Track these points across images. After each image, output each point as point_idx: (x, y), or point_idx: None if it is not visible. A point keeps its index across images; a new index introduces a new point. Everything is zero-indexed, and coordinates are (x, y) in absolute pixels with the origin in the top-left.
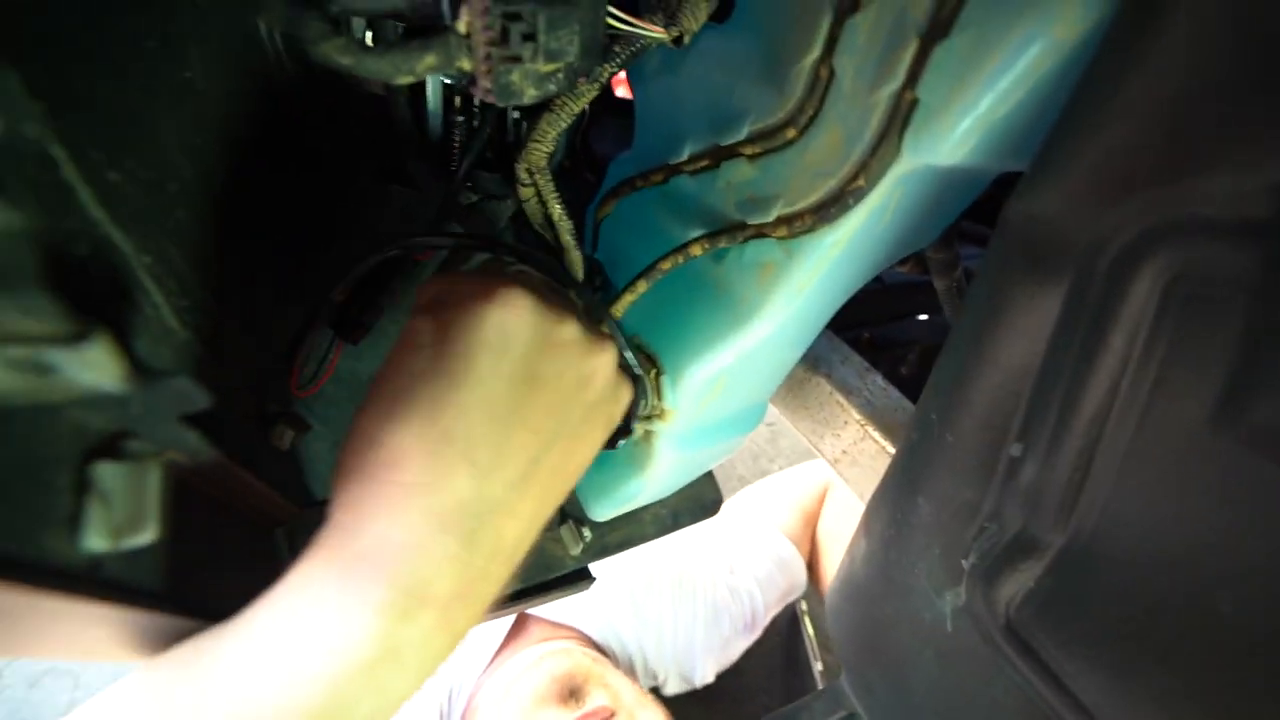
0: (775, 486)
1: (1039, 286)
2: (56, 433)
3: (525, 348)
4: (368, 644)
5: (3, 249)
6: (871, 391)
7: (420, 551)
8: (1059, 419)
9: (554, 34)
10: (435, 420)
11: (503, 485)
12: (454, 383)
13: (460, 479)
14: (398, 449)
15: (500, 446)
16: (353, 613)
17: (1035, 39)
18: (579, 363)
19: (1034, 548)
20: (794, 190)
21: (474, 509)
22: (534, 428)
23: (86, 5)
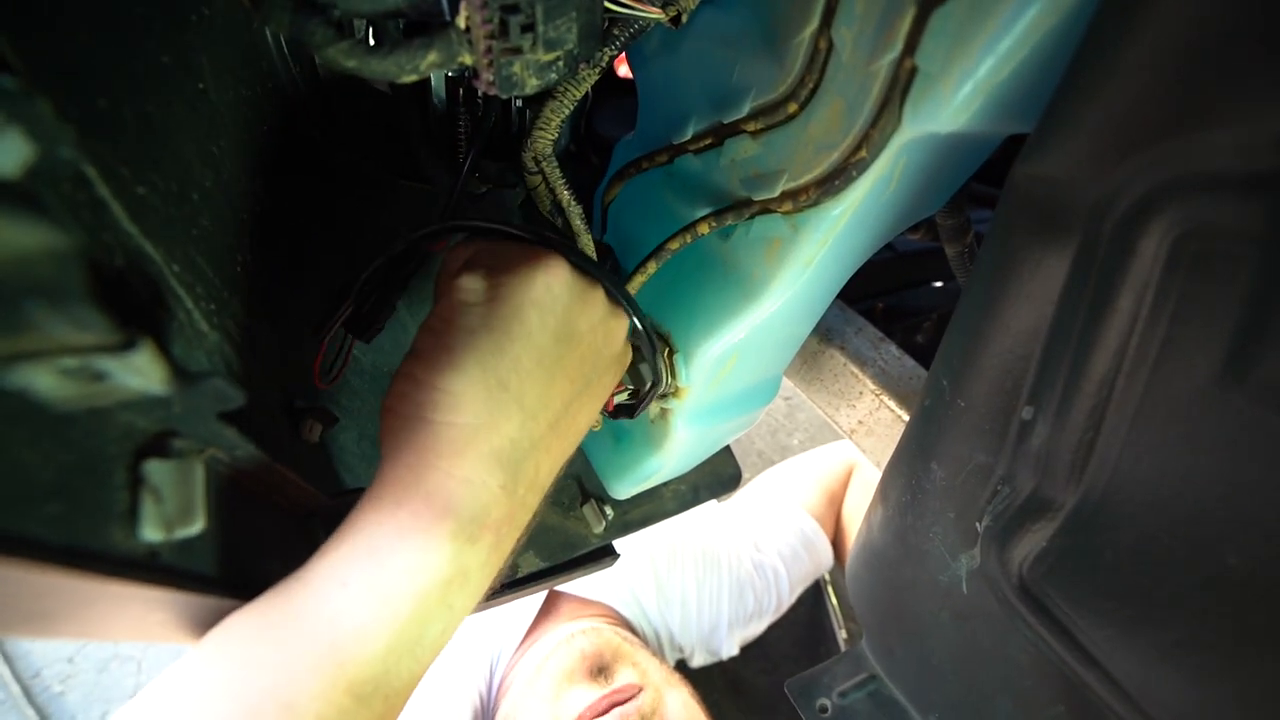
0: (800, 465)
1: (1047, 249)
2: (110, 434)
3: (566, 306)
4: (444, 566)
5: (51, 268)
6: (886, 361)
7: (481, 486)
8: (1069, 380)
9: (552, 23)
10: (492, 369)
11: (545, 425)
12: (510, 335)
13: (512, 421)
14: (458, 394)
15: (545, 392)
16: (431, 540)
17: (1032, 1)
18: (605, 322)
19: (1046, 508)
20: (798, 164)
21: (522, 446)
22: (570, 376)
23: (104, 28)
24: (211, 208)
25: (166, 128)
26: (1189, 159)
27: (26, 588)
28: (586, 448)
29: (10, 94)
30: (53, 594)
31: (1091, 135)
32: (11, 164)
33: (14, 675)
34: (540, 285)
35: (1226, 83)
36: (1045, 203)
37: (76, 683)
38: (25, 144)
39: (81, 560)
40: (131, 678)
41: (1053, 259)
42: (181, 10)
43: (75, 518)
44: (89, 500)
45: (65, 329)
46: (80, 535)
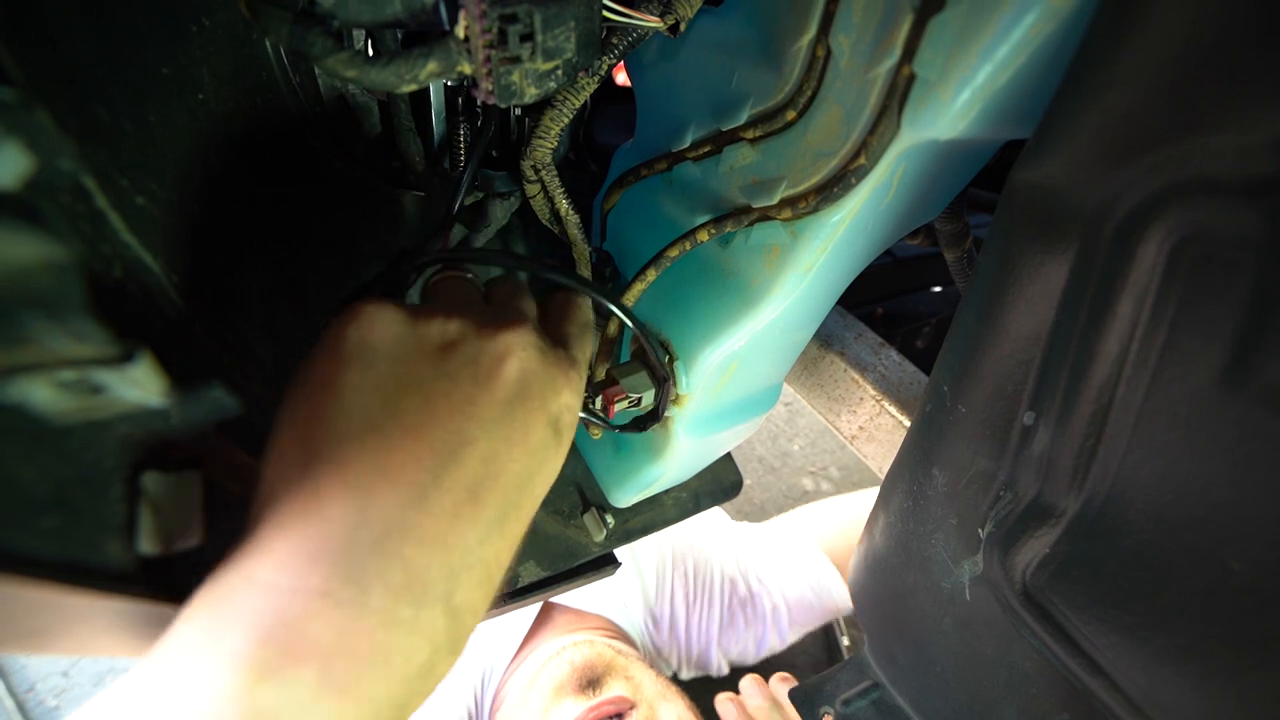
0: (831, 508)
1: (1046, 254)
2: (108, 446)
3: (392, 356)
4: (228, 708)
5: (50, 280)
6: (886, 367)
7: (289, 593)
8: (1069, 386)
9: (550, 32)
10: (304, 442)
11: (395, 505)
12: (319, 400)
13: (334, 503)
14: (270, 479)
15: (382, 462)
16: (215, 669)
17: (1030, 8)
18: (472, 360)
19: (1049, 514)
20: (797, 171)
21: (357, 536)
22: (424, 436)
23: (104, 40)
24: (210, 217)
25: (166, 139)
26: (1187, 164)
27: (21, 604)
28: (586, 455)
29: (9, 106)
30: (48, 610)
31: (1089, 140)
32: (10, 176)
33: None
34: (350, 340)
35: (1224, 87)
36: (1044, 208)
37: (71, 697)
38: (24, 156)
39: (78, 576)
40: None
41: (1052, 264)
42: (182, 22)
43: (72, 532)
44: (86, 514)
45: (63, 341)
46: (77, 549)
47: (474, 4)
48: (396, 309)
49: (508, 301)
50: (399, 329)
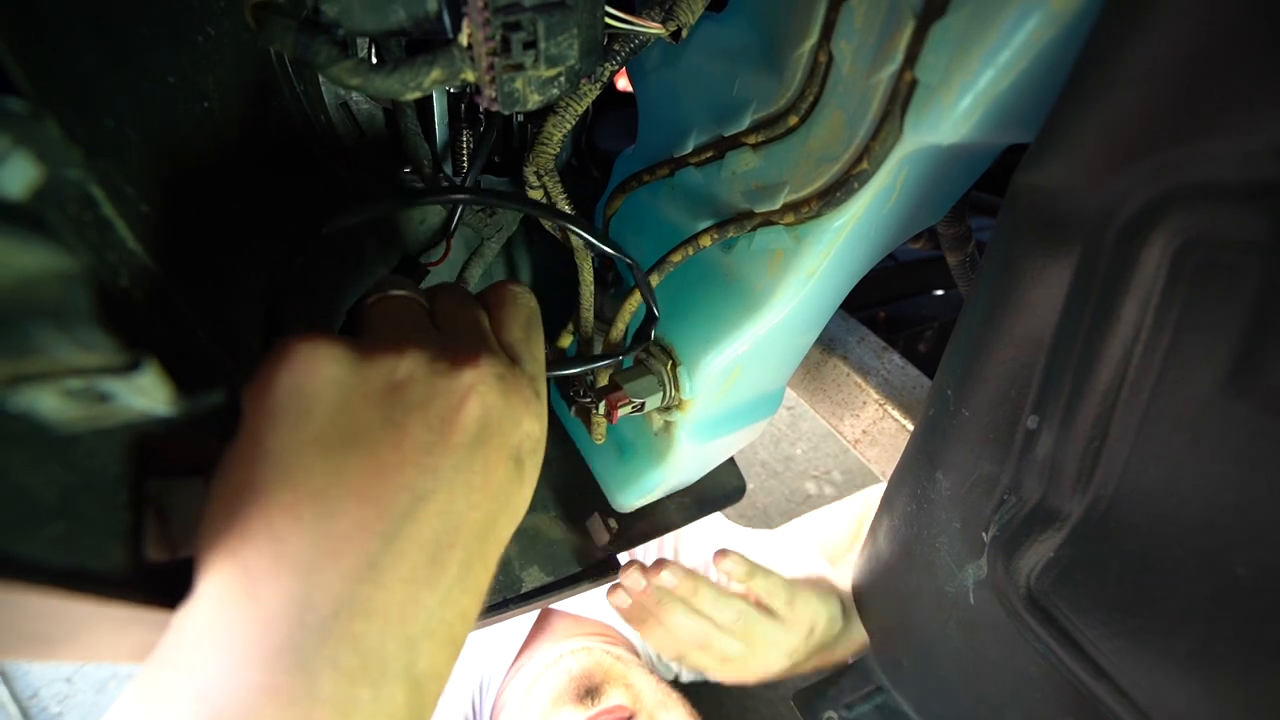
0: (829, 514)
1: (1049, 258)
2: (113, 453)
3: (332, 404)
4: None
5: (57, 290)
6: (889, 370)
7: (226, 693)
8: (1073, 390)
9: (554, 39)
10: (235, 515)
11: (341, 580)
12: (249, 465)
13: (271, 586)
14: (203, 555)
15: (326, 532)
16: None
17: (1031, 12)
18: (425, 403)
19: (1053, 518)
20: (799, 177)
21: (302, 621)
22: (372, 497)
23: (111, 50)
24: (214, 223)
25: (172, 147)
26: (1189, 168)
27: (27, 611)
28: (590, 461)
29: (18, 116)
30: (53, 617)
31: (1091, 145)
32: (18, 186)
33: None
34: (283, 390)
35: (1226, 91)
36: (1046, 212)
37: (74, 703)
38: (32, 166)
39: (83, 583)
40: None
41: (1055, 268)
42: (187, 32)
43: (77, 539)
44: (91, 521)
45: (70, 351)
46: (83, 557)
47: (477, 12)
48: (333, 345)
49: (457, 321)
50: (338, 371)
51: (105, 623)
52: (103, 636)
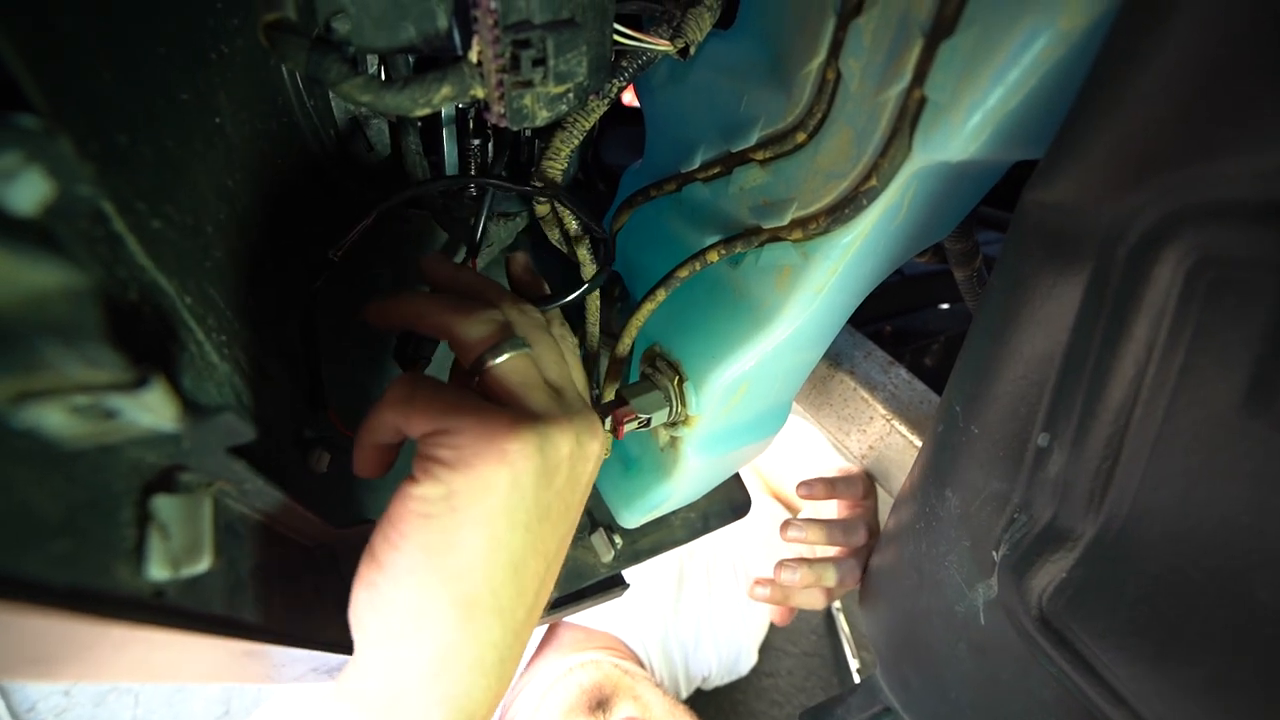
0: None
1: (1059, 275)
2: (118, 470)
3: (534, 491)
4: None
5: (66, 307)
6: (896, 385)
7: (465, 698)
8: (1085, 408)
9: (563, 56)
10: (466, 590)
11: (524, 612)
12: (479, 554)
13: (493, 629)
14: (427, 615)
15: (520, 586)
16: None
17: (1040, 32)
18: (575, 472)
19: (1065, 538)
20: (807, 193)
21: (505, 643)
22: (543, 553)
23: (127, 66)
24: (225, 240)
25: (183, 162)
26: (1201, 186)
27: (28, 632)
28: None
29: (31, 133)
30: (55, 638)
31: (1102, 162)
32: (30, 202)
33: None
34: (507, 488)
35: (1238, 109)
36: (1056, 229)
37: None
38: (44, 182)
39: (86, 603)
40: (129, 710)
41: (1065, 285)
42: (201, 49)
43: (81, 557)
44: (96, 538)
45: (78, 367)
46: (86, 575)
47: (487, 29)
48: (534, 439)
49: (566, 384)
50: (538, 462)
51: (107, 643)
52: (105, 656)
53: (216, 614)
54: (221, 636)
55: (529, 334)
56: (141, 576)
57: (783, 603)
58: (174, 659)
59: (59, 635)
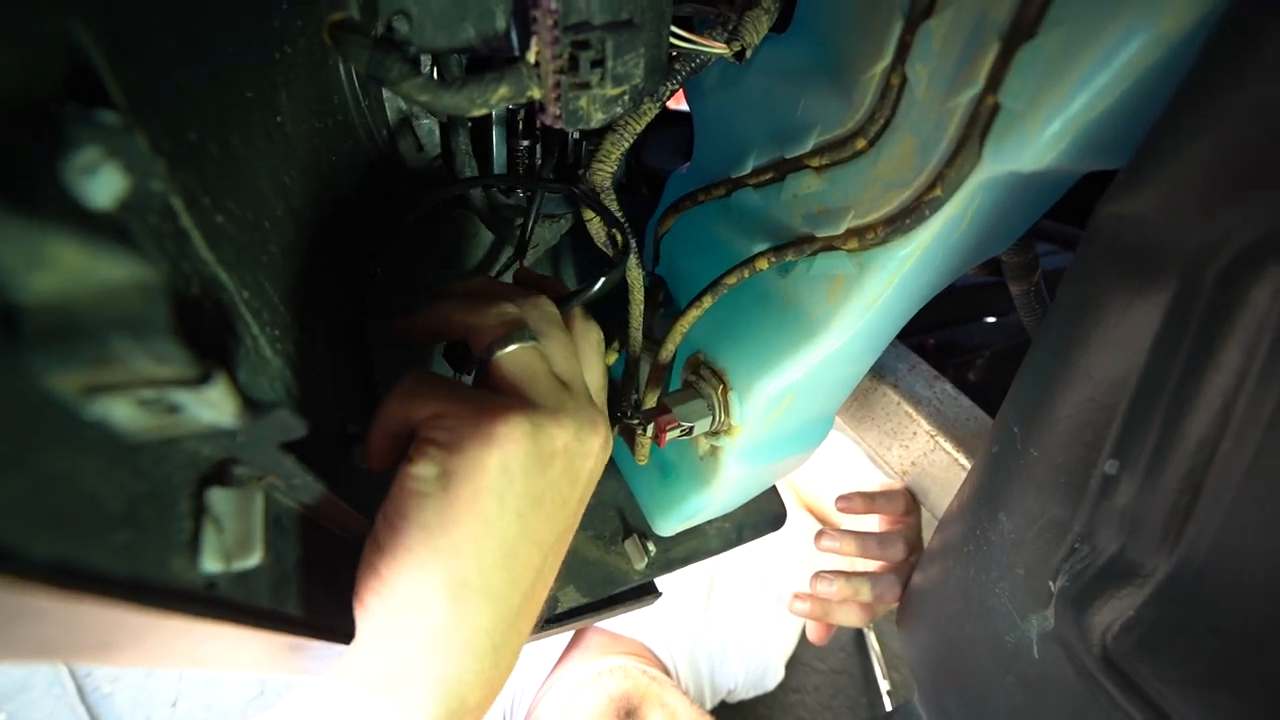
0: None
1: (1136, 295)
2: (177, 463)
3: (525, 477)
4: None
5: (136, 301)
6: (941, 400)
7: (458, 681)
8: (1162, 437)
9: (621, 58)
10: (454, 569)
11: (518, 600)
12: (469, 532)
13: (483, 612)
14: (421, 596)
15: (512, 572)
16: None
17: (1136, 34)
18: (573, 466)
19: (1133, 573)
20: (865, 202)
21: (499, 630)
22: (537, 542)
23: (200, 65)
24: (281, 235)
25: (245, 158)
26: None
27: (89, 620)
28: (631, 481)
29: (111, 129)
30: (113, 626)
31: (1194, 174)
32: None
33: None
34: (495, 468)
35: None
36: (1135, 245)
37: (124, 684)
38: (120, 177)
39: (145, 594)
40: (173, 684)
41: (1143, 305)
42: (268, 49)
43: (141, 548)
44: (155, 530)
45: (146, 362)
46: (145, 566)
47: (547, 30)
48: (525, 424)
49: (574, 377)
50: (530, 446)
51: (162, 633)
52: (159, 645)
53: (264, 607)
54: (268, 630)
55: (539, 327)
56: (195, 569)
57: (822, 618)
58: (220, 650)
59: (117, 624)
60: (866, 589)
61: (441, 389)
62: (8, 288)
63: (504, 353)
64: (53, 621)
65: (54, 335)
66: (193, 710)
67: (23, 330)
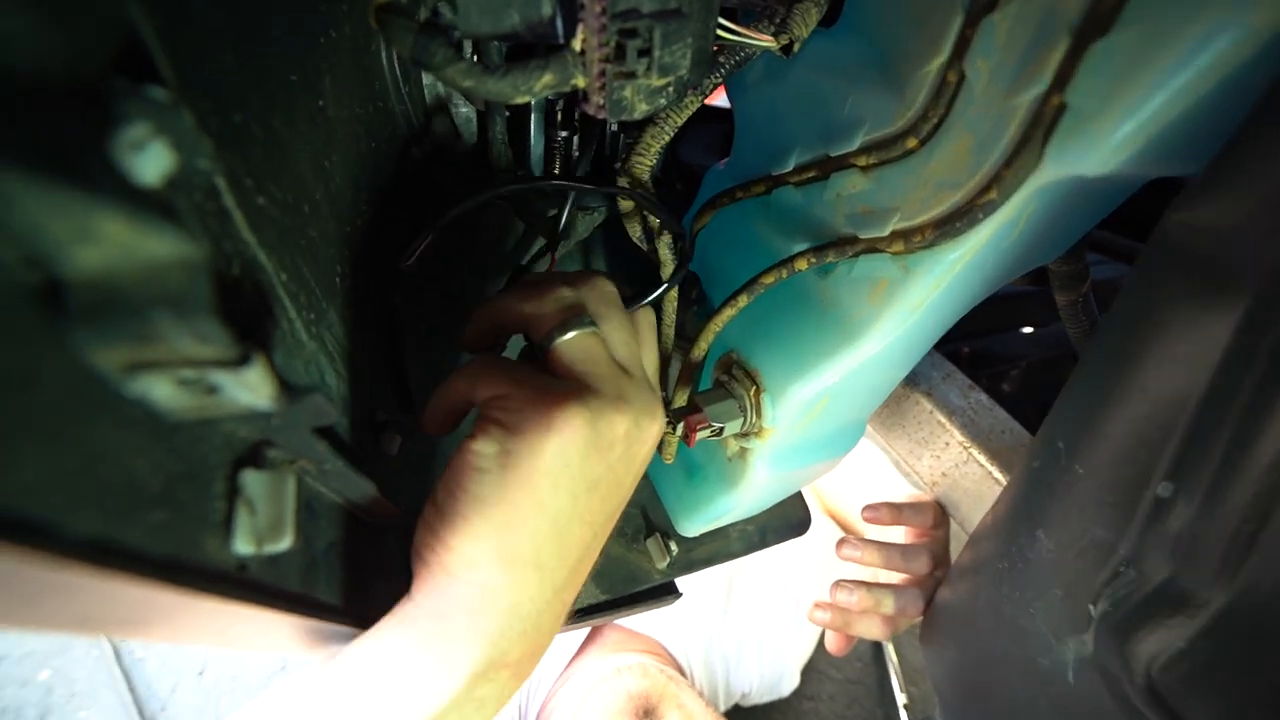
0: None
1: (1205, 309)
2: (213, 443)
3: (582, 462)
4: (461, 698)
5: (180, 279)
6: (975, 411)
7: (501, 636)
8: (1226, 461)
9: (668, 48)
10: (507, 541)
11: (565, 573)
12: (523, 510)
13: (530, 581)
14: (474, 559)
15: (562, 547)
16: (451, 681)
17: (1223, 30)
18: (632, 447)
19: (1185, 602)
20: (913, 203)
21: (543, 597)
22: (589, 522)
23: (247, 47)
24: (319, 219)
25: (288, 141)
26: None
27: (123, 597)
28: (656, 480)
29: (160, 105)
30: (146, 604)
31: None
32: (154, 173)
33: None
34: (552, 453)
35: None
36: (1207, 256)
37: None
38: (168, 154)
39: (179, 574)
40: (201, 653)
41: (1212, 320)
42: (313, 33)
43: (176, 527)
44: (190, 509)
45: (187, 341)
46: (179, 546)
47: (594, 17)
48: (584, 414)
49: (633, 364)
50: (588, 433)
51: (192, 612)
52: (189, 623)
53: (293, 591)
54: (296, 614)
55: (598, 310)
56: (228, 550)
57: (842, 629)
58: (247, 630)
59: (150, 602)
60: (889, 601)
61: (508, 371)
62: (55, 260)
63: (563, 340)
64: (88, 597)
65: (98, 310)
66: (219, 680)
67: (68, 304)
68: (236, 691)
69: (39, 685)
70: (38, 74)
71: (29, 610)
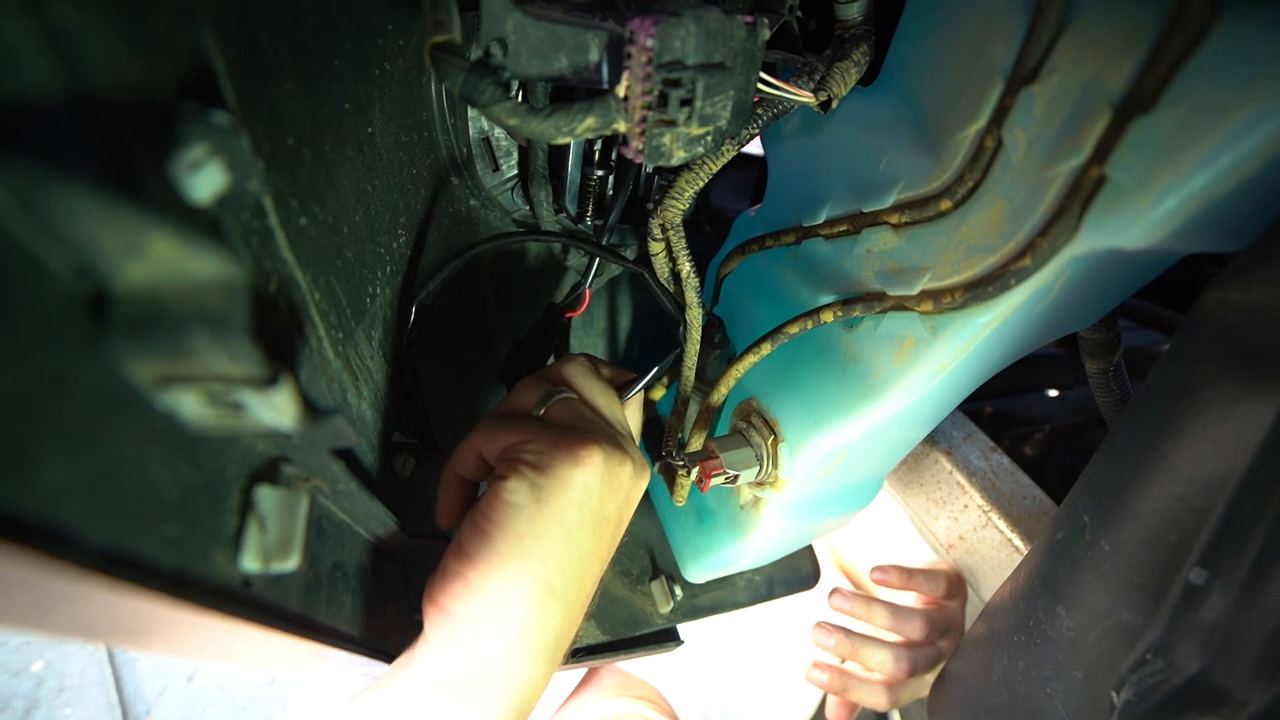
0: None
1: (1245, 389)
2: (233, 456)
3: (599, 497)
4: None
5: (220, 298)
6: (997, 473)
7: (529, 682)
8: (1266, 551)
9: (709, 99)
10: (541, 575)
11: (578, 610)
12: (555, 539)
13: (557, 618)
14: (511, 600)
15: (580, 582)
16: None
17: (1268, 119)
18: (632, 491)
19: (1219, 700)
20: (944, 264)
21: (563, 636)
22: (601, 557)
23: (306, 76)
24: (356, 241)
25: (335, 165)
26: None
27: (129, 608)
28: (665, 522)
29: (220, 129)
30: (150, 616)
31: None
32: (207, 192)
33: None
34: (580, 485)
35: None
36: (1248, 336)
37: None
38: (222, 174)
39: (185, 589)
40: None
41: (1253, 402)
42: (369, 65)
43: (188, 541)
44: (203, 522)
45: (220, 359)
46: (189, 559)
47: (640, 66)
48: (601, 451)
49: (620, 425)
50: (605, 471)
51: (194, 627)
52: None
53: (293, 611)
54: (295, 636)
55: (575, 382)
56: (235, 566)
57: (840, 692)
58: (245, 648)
59: (153, 614)
60: (873, 654)
61: (525, 423)
62: (103, 273)
63: (548, 405)
64: (94, 607)
65: (139, 324)
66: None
67: (111, 316)
68: (224, 701)
69: (31, 676)
70: (109, 92)
71: (34, 615)
